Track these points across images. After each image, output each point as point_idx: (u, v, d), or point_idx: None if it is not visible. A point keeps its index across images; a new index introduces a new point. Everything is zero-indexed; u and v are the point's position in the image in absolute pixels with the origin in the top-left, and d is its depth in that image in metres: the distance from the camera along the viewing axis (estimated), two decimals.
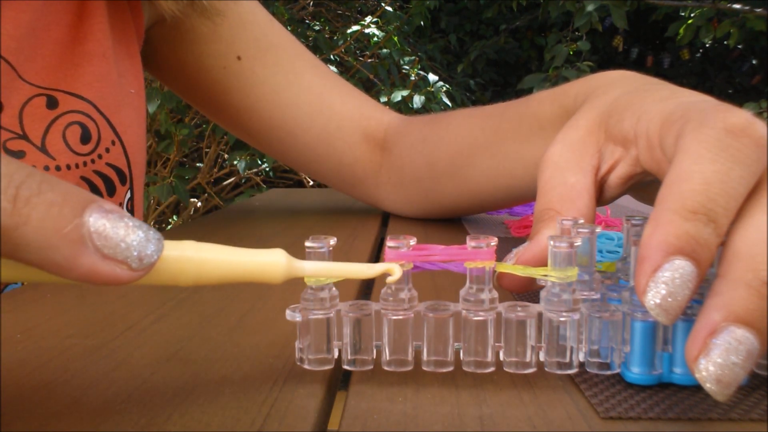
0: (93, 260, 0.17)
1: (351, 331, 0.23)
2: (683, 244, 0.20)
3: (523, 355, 0.22)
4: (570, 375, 0.23)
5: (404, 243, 0.23)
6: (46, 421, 0.20)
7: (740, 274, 0.20)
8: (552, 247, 0.22)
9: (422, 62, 2.58)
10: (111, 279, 0.18)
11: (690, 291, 0.20)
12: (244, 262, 0.20)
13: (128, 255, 0.18)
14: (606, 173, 0.30)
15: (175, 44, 0.55)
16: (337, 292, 0.23)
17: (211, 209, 2.15)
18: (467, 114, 0.55)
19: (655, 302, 0.20)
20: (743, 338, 0.19)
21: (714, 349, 0.19)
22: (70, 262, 0.17)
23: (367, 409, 0.21)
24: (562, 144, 0.31)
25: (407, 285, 0.23)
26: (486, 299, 0.22)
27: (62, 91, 0.43)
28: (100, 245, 0.17)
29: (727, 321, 0.19)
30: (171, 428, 0.19)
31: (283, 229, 0.58)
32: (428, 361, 0.23)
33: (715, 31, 2.92)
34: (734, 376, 0.19)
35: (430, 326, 0.22)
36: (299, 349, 0.23)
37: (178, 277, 0.20)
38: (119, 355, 0.26)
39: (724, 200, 0.21)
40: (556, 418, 0.20)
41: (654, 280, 0.20)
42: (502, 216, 0.64)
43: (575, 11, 2.79)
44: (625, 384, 0.22)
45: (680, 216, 0.20)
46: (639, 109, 0.28)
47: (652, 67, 4.38)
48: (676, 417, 0.20)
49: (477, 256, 0.22)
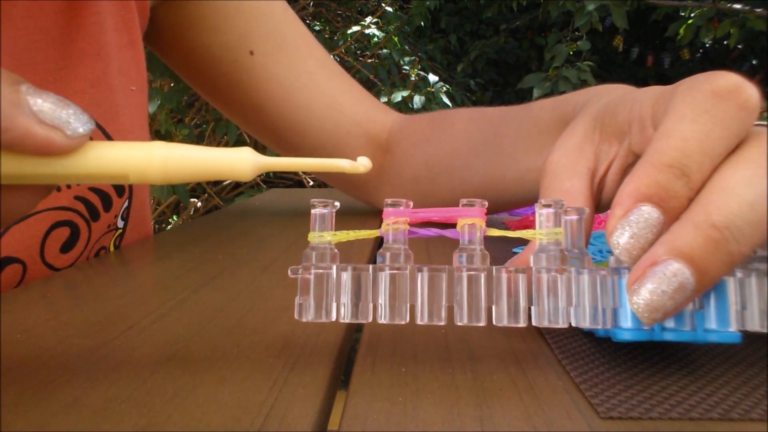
0: (29, 122, 0.18)
1: (349, 286, 0.24)
2: (652, 192, 0.22)
3: (515, 312, 0.23)
4: (570, 375, 0.23)
5: (402, 202, 0.24)
6: (46, 421, 0.20)
7: (692, 216, 0.21)
8: (538, 210, 0.24)
9: (422, 62, 2.58)
10: (46, 144, 0.19)
11: (653, 235, 0.21)
12: (212, 158, 0.21)
13: (63, 122, 0.19)
14: (604, 174, 0.30)
15: (183, 30, 0.52)
16: (337, 252, 0.24)
17: (211, 209, 2.15)
18: (469, 115, 0.55)
19: (619, 242, 0.22)
20: (678, 271, 0.20)
21: (649, 276, 0.21)
22: (7, 123, 0.18)
23: (367, 409, 0.21)
24: (559, 151, 0.31)
25: (403, 245, 0.24)
26: (478, 254, 0.23)
27: None
28: (36, 110, 0.19)
29: (668, 255, 0.21)
30: (171, 428, 0.19)
31: (283, 229, 0.58)
32: (422, 316, 0.23)
33: (715, 31, 2.92)
34: (662, 303, 0.21)
35: (424, 281, 0.23)
36: (299, 305, 0.24)
37: (147, 174, 0.20)
38: (119, 355, 0.26)
39: (699, 157, 0.22)
40: (556, 418, 0.20)
41: (621, 223, 0.22)
42: (502, 216, 0.64)
43: (575, 11, 2.79)
44: (626, 384, 0.22)
45: (654, 168, 0.22)
46: (631, 100, 0.29)
47: (652, 67, 4.38)
48: (676, 417, 0.20)
49: (468, 213, 0.23)
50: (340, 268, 0.24)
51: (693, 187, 0.22)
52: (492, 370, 0.24)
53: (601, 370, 0.24)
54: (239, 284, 0.37)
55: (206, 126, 2.00)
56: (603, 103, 0.31)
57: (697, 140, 0.22)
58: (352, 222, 0.62)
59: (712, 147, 0.22)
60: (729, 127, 0.22)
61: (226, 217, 0.70)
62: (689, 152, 0.22)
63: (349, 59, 2.26)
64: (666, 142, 0.22)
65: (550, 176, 0.31)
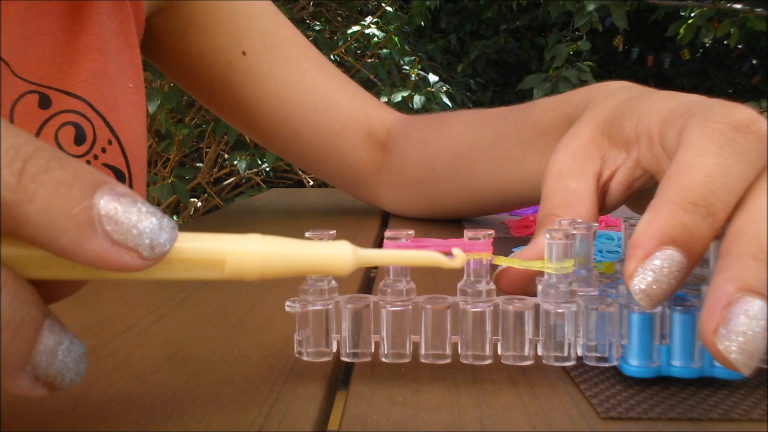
0: (102, 245, 0.16)
1: (349, 323, 0.23)
2: (678, 235, 0.20)
3: (521, 348, 0.22)
4: (570, 375, 0.23)
5: (403, 235, 0.23)
6: (46, 421, 0.20)
7: (746, 248, 0.20)
8: (548, 239, 0.23)
9: (422, 62, 2.58)
10: (120, 266, 0.17)
11: (676, 281, 0.20)
12: (309, 255, 0.19)
13: (139, 242, 0.17)
14: (608, 179, 0.30)
15: (177, 35, 0.54)
16: (336, 285, 0.23)
17: (211, 209, 2.15)
18: (469, 116, 0.55)
19: (640, 288, 0.20)
20: (760, 309, 0.19)
21: (733, 318, 0.19)
22: (77, 246, 0.16)
23: (367, 409, 0.21)
24: (564, 152, 0.31)
25: (405, 277, 0.23)
26: (484, 291, 0.22)
27: (55, 89, 0.42)
28: (110, 230, 0.16)
29: (742, 291, 0.19)
30: (171, 428, 0.19)
31: (283, 229, 0.58)
32: (426, 354, 0.23)
33: (715, 31, 2.92)
34: (757, 345, 0.19)
35: (428, 318, 0.22)
36: (298, 342, 0.23)
37: (243, 273, 0.18)
38: (119, 355, 0.26)
39: (725, 194, 0.21)
40: (556, 418, 0.20)
41: (643, 266, 0.20)
42: (502, 216, 0.64)
43: (575, 11, 2.79)
44: (626, 384, 0.22)
45: (680, 207, 0.21)
46: (638, 110, 0.28)
47: (652, 67, 4.38)
48: (676, 417, 0.20)
49: (474, 247, 0.22)
50: (340, 304, 0.23)
51: (717, 227, 0.21)
52: (492, 370, 0.24)
53: (601, 370, 0.24)
54: (239, 284, 0.37)
55: (206, 126, 2.00)
56: (608, 106, 0.31)
57: (721, 175, 0.21)
58: (352, 222, 0.62)
59: (735, 183, 0.21)
60: (750, 161, 0.22)
61: (226, 217, 0.70)
62: (715, 189, 0.21)
63: (349, 59, 2.26)
64: (691, 178, 0.21)
65: (554, 176, 0.30)
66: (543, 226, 0.29)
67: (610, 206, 0.31)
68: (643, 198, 0.33)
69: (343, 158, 0.60)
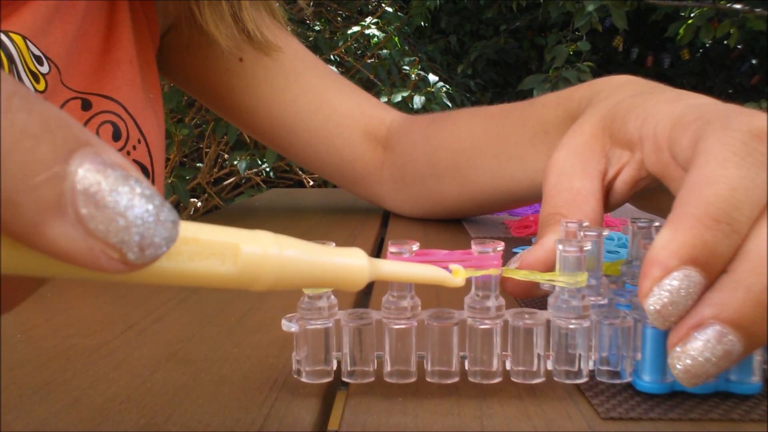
0: (69, 235, 0.11)
1: (351, 341, 0.22)
2: (698, 254, 0.19)
3: (531, 365, 0.21)
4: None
5: (407, 248, 0.21)
6: (46, 421, 0.20)
7: (744, 276, 0.19)
8: (561, 252, 0.21)
9: (422, 63, 2.58)
10: (92, 266, 0.12)
11: (693, 301, 0.20)
12: (324, 264, 0.17)
13: (125, 238, 0.12)
14: (613, 178, 0.30)
15: (184, 50, 0.58)
16: (335, 301, 0.22)
17: (211, 209, 2.15)
18: (471, 114, 0.55)
19: (655, 308, 0.20)
20: (725, 340, 0.19)
21: (692, 342, 0.19)
22: (32, 231, 0.11)
23: (367, 409, 0.21)
24: (567, 149, 0.31)
25: (410, 293, 0.22)
26: (492, 306, 0.21)
27: (95, 94, 0.46)
28: (85, 214, 0.11)
29: (716, 319, 0.19)
30: (171, 428, 0.19)
31: (283, 229, 0.57)
32: (432, 371, 0.22)
33: (715, 31, 2.92)
34: (704, 370, 0.19)
35: (434, 335, 0.21)
36: (296, 361, 0.22)
37: (253, 282, 0.15)
38: (119, 355, 0.26)
39: (749, 208, 0.20)
40: (556, 418, 0.20)
41: (659, 285, 0.20)
42: (502, 216, 0.63)
43: (575, 11, 2.79)
44: (626, 384, 0.22)
45: (702, 223, 0.20)
46: (643, 111, 0.28)
47: (652, 67, 4.38)
48: (677, 418, 0.20)
49: (483, 261, 0.21)
50: (341, 322, 0.22)
51: (739, 245, 0.20)
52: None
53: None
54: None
55: (206, 126, 2.00)
56: (611, 104, 0.31)
57: (744, 188, 0.20)
58: (352, 222, 0.62)
59: (759, 195, 0.20)
60: None
61: (226, 217, 0.70)
62: (739, 203, 0.20)
63: (349, 59, 2.25)
64: (712, 191, 0.20)
65: (557, 174, 0.30)
66: (547, 225, 0.28)
67: (614, 205, 0.31)
68: (647, 197, 0.32)
69: (341, 155, 0.61)
